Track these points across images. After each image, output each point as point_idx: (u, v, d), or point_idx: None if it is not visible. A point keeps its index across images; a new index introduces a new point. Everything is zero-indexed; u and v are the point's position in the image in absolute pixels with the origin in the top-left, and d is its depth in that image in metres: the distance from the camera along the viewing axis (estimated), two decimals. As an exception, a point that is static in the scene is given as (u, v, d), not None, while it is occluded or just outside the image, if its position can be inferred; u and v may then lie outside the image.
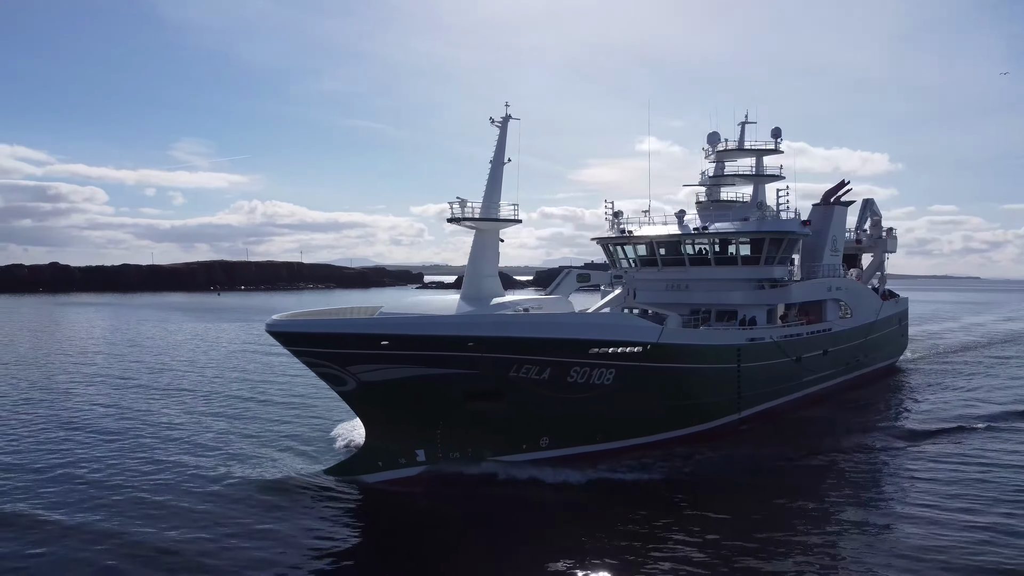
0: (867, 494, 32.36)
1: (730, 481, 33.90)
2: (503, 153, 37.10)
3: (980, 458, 37.28)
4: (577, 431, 34.88)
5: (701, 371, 39.42)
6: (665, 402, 37.35)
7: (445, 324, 30.99)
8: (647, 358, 35.64)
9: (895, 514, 29.30)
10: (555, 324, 32.70)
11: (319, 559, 24.70)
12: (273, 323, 29.91)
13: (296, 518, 27.59)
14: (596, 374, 34.11)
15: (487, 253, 36.78)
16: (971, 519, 28.34)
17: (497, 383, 31.91)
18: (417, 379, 30.58)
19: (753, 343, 43.62)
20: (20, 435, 40.64)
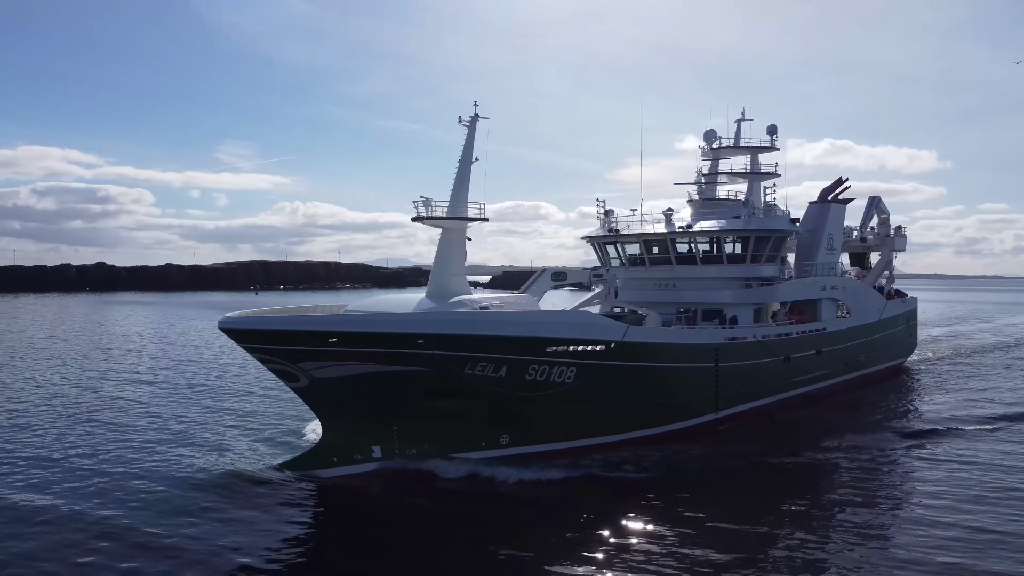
0: (839, 493, 32.08)
1: (695, 480, 33.71)
2: (471, 152, 37.35)
3: (963, 459, 36.71)
4: (539, 429, 34.94)
5: (672, 370, 39.14)
6: (632, 401, 37.18)
7: (394, 322, 31.35)
8: (611, 357, 35.57)
9: (864, 513, 28.99)
10: (509, 322, 32.81)
11: (266, 553, 24.89)
12: (225, 320, 30.57)
13: (243, 512, 27.98)
14: (556, 372, 34.15)
15: (453, 251, 37.06)
16: (942, 518, 28.17)
17: (452, 381, 32.16)
18: (370, 376, 30.98)
19: (733, 342, 43.16)
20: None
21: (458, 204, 36.78)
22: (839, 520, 28.47)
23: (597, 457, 35.38)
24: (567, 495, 31.13)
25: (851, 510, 29.47)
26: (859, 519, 28.38)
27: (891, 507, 30.02)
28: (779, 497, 31.51)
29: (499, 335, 32.12)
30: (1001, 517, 28.24)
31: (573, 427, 35.76)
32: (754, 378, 44.67)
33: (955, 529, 27.06)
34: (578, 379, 34.76)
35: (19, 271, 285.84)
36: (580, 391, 34.95)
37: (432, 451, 33.13)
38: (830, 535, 26.80)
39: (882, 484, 33.39)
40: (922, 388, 58.10)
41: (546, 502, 30.43)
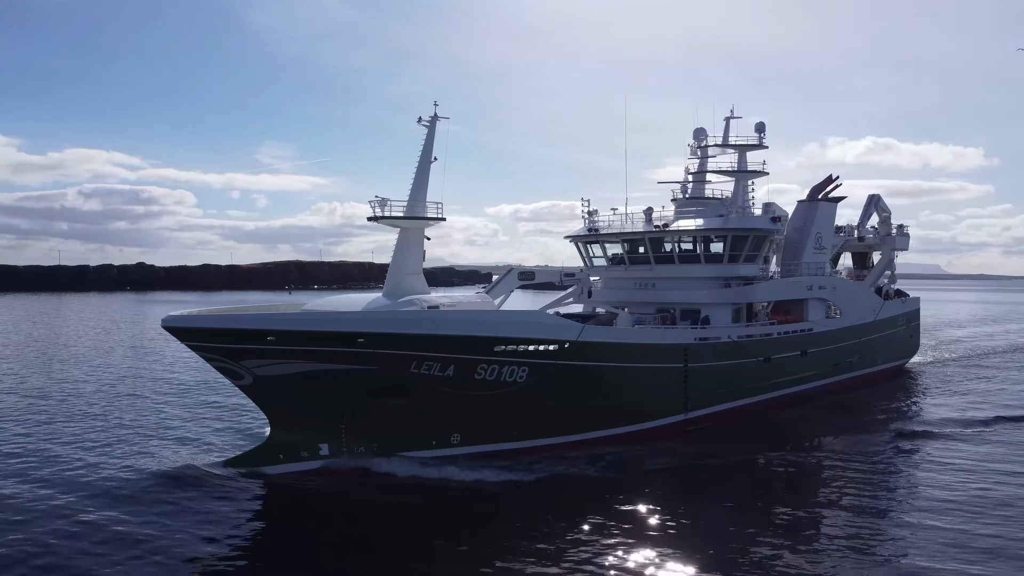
0: (798, 494, 31.89)
1: (649, 480, 33.34)
2: (430, 152, 37.50)
3: (936, 462, 36.04)
4: (491, 428, 34.98)
5: (634, 370, 38.87)
6: (590, 401, 37.02)
7: (331, 320, 31.69)
8: (565, 356, 35.47)
9: (823, 514, 28.91)
10: (453, 321, 32.92)
11: (204, 551, 24.93)
12: (168, 319, 31.16)
13: (184, 508, 28.20)
14: (507, 372, 34.17)
15: (411, 251, 37.26)
16: (900, 519, 27.87)
17: (398, 380, 32.38)
18: (313, 374, 31.33)
19: (704, 342, 42.70)
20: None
21: (416, 204, 36.97)
22: (796, 521, 28.08)
23: (552, 456, 35.26)
24: (518, 494, 31.04)
25: (808, 510, 29.25)
26: (819, 519, 28.20)
27: (854, 508, 29.53)
28: (733, 497, 31.40)
29: (442, 334, 32.24)
30: (978, 522, 27.53)
31: (528, 426, 35.73)
32: (729, 379, 44.12)
33: (917, 530, 26.69)
34: (531, 379, 34.73)
35: (63, 271, 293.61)
36: (533, 391, 34.91)
37: (381, 449, 33.36)
38: (784, 537, 26.25)
39: (850, 485, 32.79)
40: (918, 390, 56.92)
41: (496, 501, 30.36)
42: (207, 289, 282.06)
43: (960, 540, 25.63)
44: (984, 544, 25.22)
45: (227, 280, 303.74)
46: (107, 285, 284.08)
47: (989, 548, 24.84)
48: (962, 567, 23.37)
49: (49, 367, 66.54)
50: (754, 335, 46.40)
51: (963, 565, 23.49)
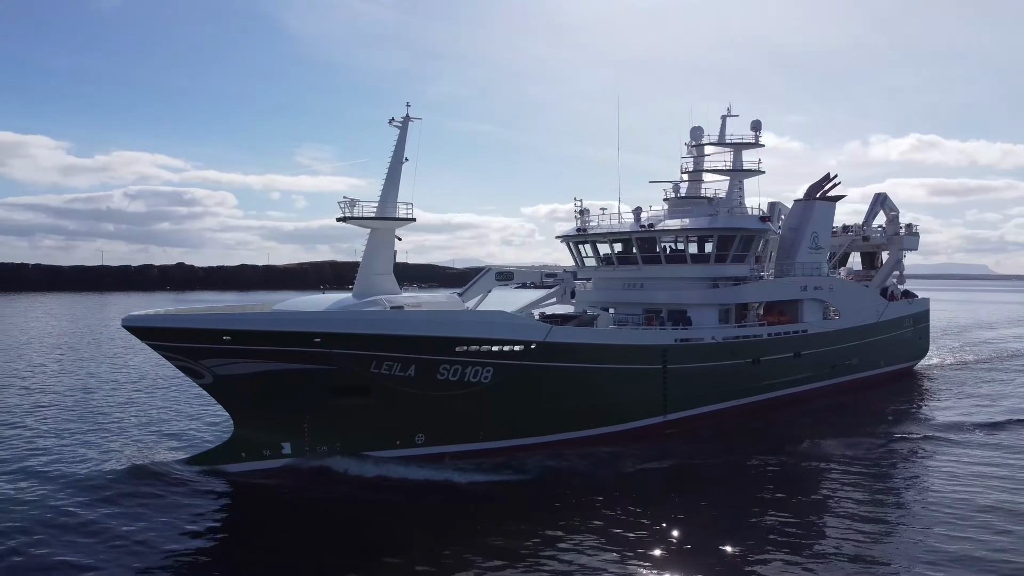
0: (764, 497, 31.15)
1: (616, 481, 33.14)
2: (402, 153, 37.72)
3: (919, 466, 35.53)
4: (456, 429, 34.97)
5: (607, 371, 38.51)
6: (560, 402, 36.79)
7: (287, 320, 31.97)
8: (531, 357, 35.32)
9: (795, 520, 28.08)
10: (411, 321, 32.96)
11: (162, 549, 24.98)
12: (127, 318, 31.67)
13: (143, 506, 28.58)
14: (471, 372, 34.14)
15: (380, 252, 37.53)
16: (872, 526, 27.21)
17: (358, 379, 32.55)
18: (272, 374, 31.64)
19: (685, 343, 42.15)
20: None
21: (387, 205, 37.19)
22: (761, 524, 27.66)
23: (520, 458, 35.12)
24: (483, 495, 30.99)
25: (775, 513, 28.62)
26: (787, 522, 27.61)
27: (824, 513, 29.10)
28: (696, 499, 30.98)
29: (400, 334, 32.32)
30: (953, 527, 26.93)
31: (495, 427, 35.63)
32: (712, 380, 43.50)
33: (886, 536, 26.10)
34: (496, 379, 34.64)
35: (106, 271, 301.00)
36: (499, 391, 34.82)
37: (344, 449, 33.57)
38: (752, 540, 25.84)
39: (822, 487, 32.55)
40: (920, 393, 55.56)
41: (459, 501, 30.38)
42: (244, 289, 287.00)
43: (935, 547, 25.10)
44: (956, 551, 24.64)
45: (263, 280, 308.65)
46: (148, 285, 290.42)
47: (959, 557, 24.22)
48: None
49: (62, 362, 68.33)
50: (741, 336, 45.66)
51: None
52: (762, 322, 48.14)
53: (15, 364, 67.95)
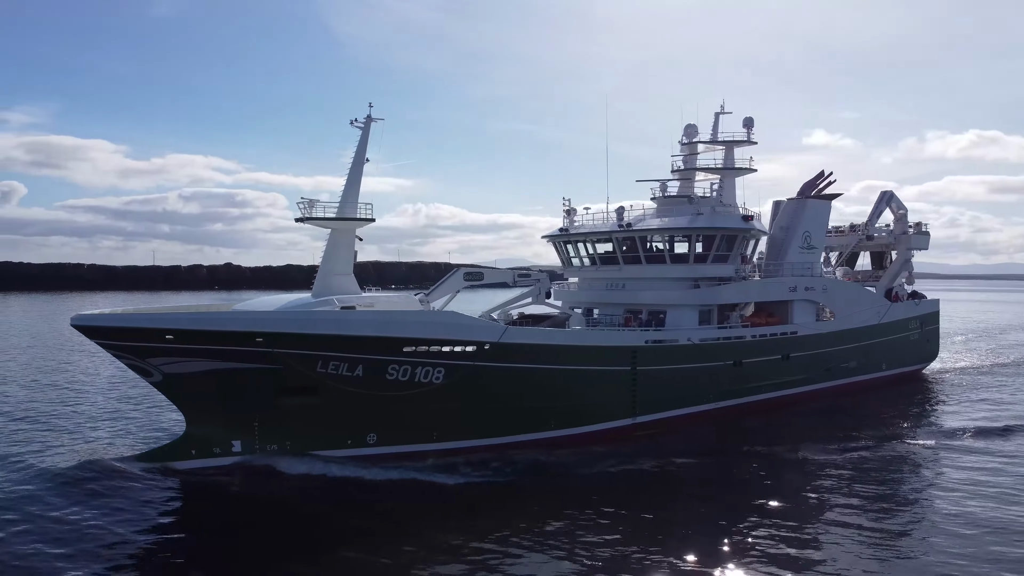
0: (710, 502, 30.55)
1: (571, 485, 32.93)
2: (364, 153, 37.84)
3: (895, 473, 34.58)
4: (408, 429, 34.93)
5: (569, 372, 38.03)
6: (518, 403, 36.47)
7: (229, 320, 32.31)
8: (484, 358, 35.11)
9: (748, 524, 27.58)
10: (355, 322, 32.99)
11: (110, 547, 25.16)
12: (76, 318, 32.34)
13: (90, 502, 28.86)
14: (422, 372, 34.08)
15: (340, 252, 37.65)
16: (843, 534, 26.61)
17: (306, 379, 32.75)
18: (219, 372, 32.05)
19: (657, 344, 41.43)
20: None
21: (347, 205, 37.34)
22: (708, 528, 27.22)
23: (476, 459, 34.91)
24: (431, 496, 30.96)
25: (731, 519, 28.09)
26: (734, 526, 27.18)
27: (788, 517, 28.34)
28: (655, 504, 30.29)
29: (343, 334, 32.41)
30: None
31: (448, 427, 35.48)
32: (689, 382, 42.69)
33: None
34: (448, 380, 34.52)
35: (157, 271, 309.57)
36: (451, 392, 34.68)
37: (294, 447, 33.81)
38: (697, 546, 25.41)
39: (789, 491, 31.74)
40: (925, 397, 53.81)
41: (406, 502, 30.36)
42: (288, 288, 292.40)
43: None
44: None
45: (307, 279, 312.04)
46: (198, 284, 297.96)
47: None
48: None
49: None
50: (720, 338, 44.69)
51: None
52: (745, 323, 47.04)
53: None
